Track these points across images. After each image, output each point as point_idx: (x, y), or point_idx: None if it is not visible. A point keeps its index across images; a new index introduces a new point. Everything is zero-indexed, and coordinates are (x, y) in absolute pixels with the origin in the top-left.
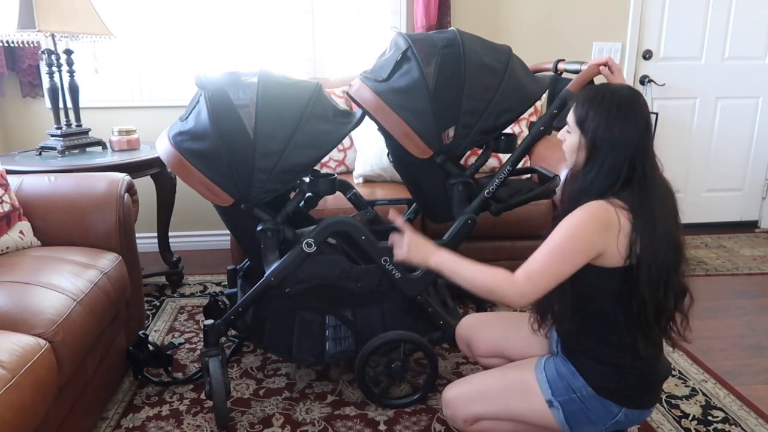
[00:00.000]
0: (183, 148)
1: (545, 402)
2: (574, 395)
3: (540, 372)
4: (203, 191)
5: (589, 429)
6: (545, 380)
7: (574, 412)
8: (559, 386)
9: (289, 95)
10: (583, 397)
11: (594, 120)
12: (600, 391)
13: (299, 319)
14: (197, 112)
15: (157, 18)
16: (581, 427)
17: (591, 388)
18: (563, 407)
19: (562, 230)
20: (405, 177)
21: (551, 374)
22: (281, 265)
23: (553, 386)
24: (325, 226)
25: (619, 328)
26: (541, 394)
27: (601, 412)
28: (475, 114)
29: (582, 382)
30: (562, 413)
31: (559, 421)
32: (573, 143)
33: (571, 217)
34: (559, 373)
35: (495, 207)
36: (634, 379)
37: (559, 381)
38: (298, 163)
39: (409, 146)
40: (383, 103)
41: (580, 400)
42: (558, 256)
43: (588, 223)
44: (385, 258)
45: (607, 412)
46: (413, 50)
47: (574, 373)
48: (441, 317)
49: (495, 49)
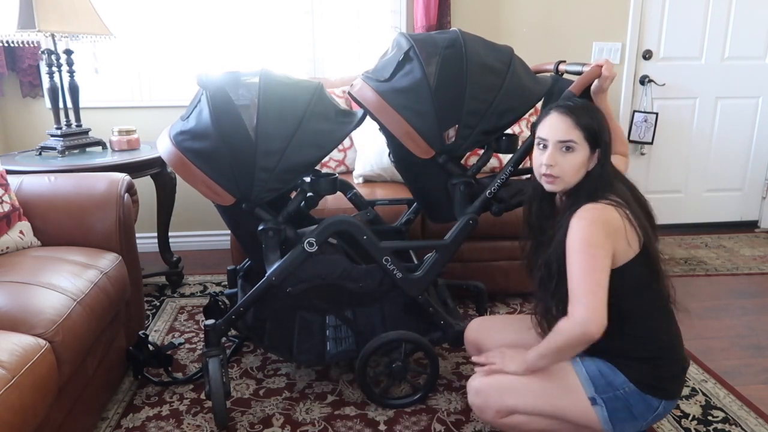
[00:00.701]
0: (184, 148)
1: (588, 399)
2: (617, 392)
3: (580, 369)
4: (205, 190)
5: (630, 425)
6: (587, 377)
7: (617, 409)
8: (601, 383)
9: (290, 94)
10: (626, 394)
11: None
12: (640, 386)
13: (299, 319)
14: (198, 111)
15: (157, 18)
16: (623, 424)
17: (632, 384)
18: (607, 404)
19: (578, 253)
20: (406, 177)
21: (592, 371)
22: (282, 264)
23: (595, 383)
24: (326, 226)
25: (647, 321)
26: (584, 391)
27: (642, 407)
28: (477, 114)
29: (623, 378)
30: (606, 410)
31: (603, 419)
32: (580, 160)
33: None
34: (600, 371)
35: (496, 207)
36: (668, 371)
37: (600, 378)
38: (299, 163)
39: (410, 146)
40: (385, 103)
41: (623, 397)
42: (590, 273)
43: (593, 230)
44: (387, 258)
45: (648, 406)
46: (415, 50)
47: (614, 369)
48: (441, 317)
49: (497, 49)
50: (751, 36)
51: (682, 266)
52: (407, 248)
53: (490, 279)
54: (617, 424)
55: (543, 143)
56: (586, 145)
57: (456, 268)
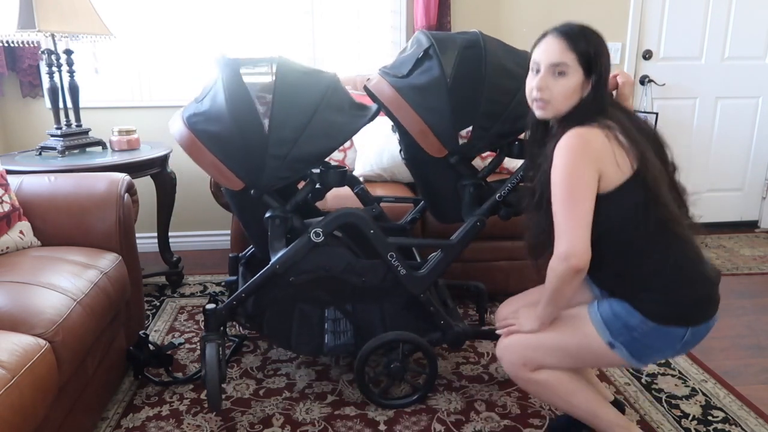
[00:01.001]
0: (197, 129)
1: (606, 345)
2: (634, 333)
3: (594, 314)
4: (214, 173)
5: (657, 356)
6: (601, 322)
7: (638, 349)
8: (617, 326)
9: (307, 83)
10: (644, 333)
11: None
12: (658, 320)
13: (298, 311)
14: (214, 94)
15: (157, 18)
16: (649, 357)
17: (650, 321)
18: (625, 346)
19: (558, 186)
20: (416, 175)
21: (606, 315)
22: (288, 253)
23: (610, 327)
24: (335, 217)
25: (652, 247)
26: (600, 338)
27: (666, 340)
28: (492, 117)
29: (639, 317)
30: (626, 351)
31: (625, 357)
32: (572, 85)
33: (557, 169)
34: (615, 313)
35: (504, 211)
36: (688, 295)
37: (615, 321)
38: (311, 152)
39: (424, 144)
40: (402, 99)
41: (641, 338)
42: (570, 206)
43: (573, 159)
44: (392, 254)
45: (673, 337)
46: (435, 49)
47: (629, 310)
48: (442, 317)
49: (516, 53)
50: (751, 36)
51: None
52: (413, 246)
53: (490, 279)
54: (643, 358)
55: (536, 67)
56: (580, 69)
57: (456, 268)
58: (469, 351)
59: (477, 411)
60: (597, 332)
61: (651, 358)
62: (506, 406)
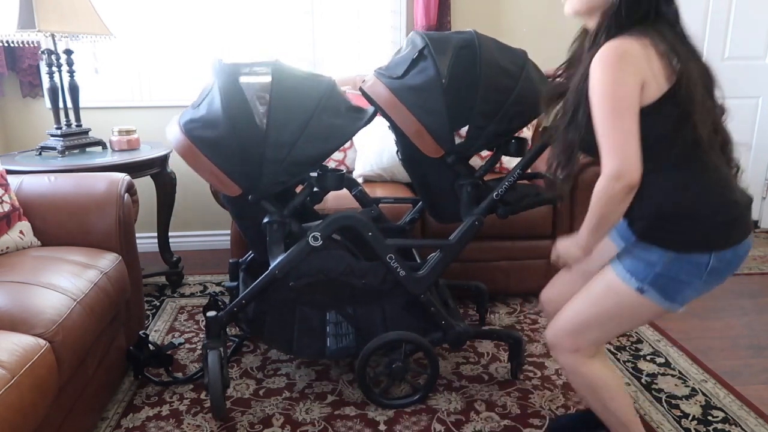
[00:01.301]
0: (194, 136)
1: (636, 293)
2: (656, 269)
3: (617, 268)
4: (212, 180)
5: (688, 291)
6: (625, 272)
7: (665, 285)
8: (640, 268)
9: (303, 88)
10: (666, 266)
11: None
12: (677, 248)
13: (299, 314)
14: (210, 99)
15: (157, 18)
16: (680, 294)
17: (669, 251)
18: (653, 286)
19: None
20: (413, 175)
21: (628, 263)
22: (286, 258)
23: (634, 272)
24: (332, 221)
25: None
26: (630, 287)
27: (690, 270)
28: (488, 116)
29: (657, 251)
30: (656, 292)
31: (659, 302)
32: None
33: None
34: (635, 256)
35: (502, 210)
36: (707, 220)
37: (637, 264)
38: (309, 156)
39: (420, 144)
40: (397, 100)
41: (664, 271)
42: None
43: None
44: (391, 255)
45: (696, 265)
46: (430, 49)
47: (646, 247)
48: (442, 317)
49: (511, 52)
50: (751, 36)
51: None
52: (412, 246)
53: (490, 279)
54: (675, 298)
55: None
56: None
57: (456, 268)
58: (469, 351)
59: (477, 411)
60: (625, 284)
61: (682, 295)
62: (506, 406)
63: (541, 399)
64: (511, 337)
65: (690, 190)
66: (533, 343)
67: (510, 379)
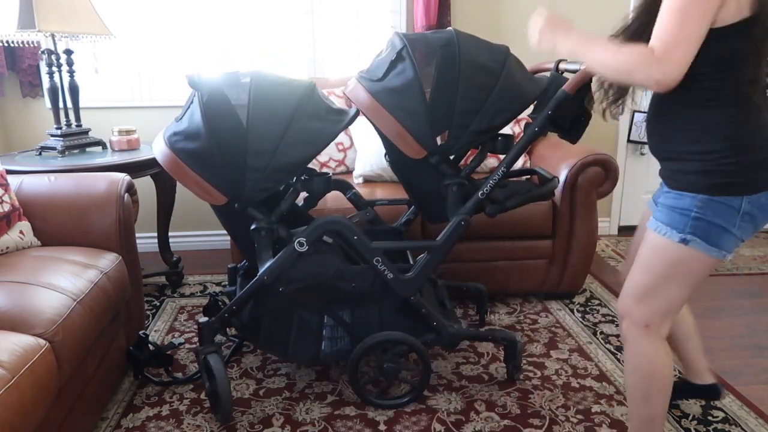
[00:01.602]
0: (177, 149)
1: (680, 245)
2: (692, 214)
3: (656, 225)
4: (198, 191)
5: (728, 236)
6: (664, 225)
7: (706, 230)
8: (676, 218)
9: (280, 94)
10: (700, 209)
11: None
12: (708, 191)
13: (297, 318)
14: (191, 112)
15: (157, 18)
16: (722, 240)
17: (701, 195)
18: (695, 232)
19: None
20: (401, 177)
21: (663, 215)
22: (274, 263)
23: (673, 224)
24: (316, 226)
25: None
26: (674, 241)
27: (723, 214)
28: (469, 114)
29: (689, 197)
30: (699, 238)
31: (706, 250)
32: None
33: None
34: (668, 206)
35: (490, 208)
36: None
37: (673, 214)
38: (290, 162)
39: (402, 146)
40: (377, 104)
41: (701, 216)
42: (688, 15)
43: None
44: (378, 258)
45: (729, 208)
46: (408, 50)
47: (677, 196)
48: (434, 318)
49: (492, 49)
50: None
51: None
52: (398, 249)
53: (490, 279)
54: (720, 244)
55: None
56: None
57: (456, 269)
58: (469, 351)
59: (477, 411)
60: (668, 239)
61: (726, 242)
62: (506, 406)
63: (541, 399)
64: (506, 338)
65: (726, 129)
66: (533, 343)
67: (509, 380)
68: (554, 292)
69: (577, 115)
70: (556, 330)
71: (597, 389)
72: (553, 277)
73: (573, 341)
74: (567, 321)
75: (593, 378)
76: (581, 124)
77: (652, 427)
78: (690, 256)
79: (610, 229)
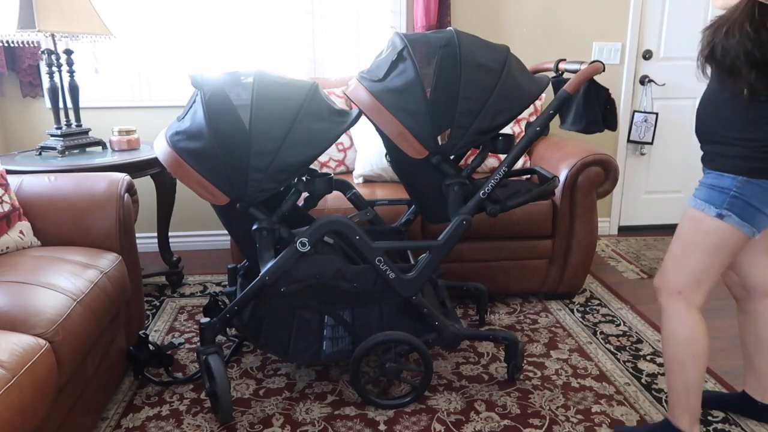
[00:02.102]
0: (179, 148)
1: (716, 219)
2: (731, 192)
3: (696, 202)
4: (199, 190)
5: (760, 216)
6: (703, 203)
7: (741, 208)
8: (715, 195)
9: (284, 94)
10: (740, 189)
11: None
12: (747, 173)
13: (298, 317)
14: (193, 112)
15: (157, 18)
16: (755, 218)
17: (740, 176)
18: (731, 209)
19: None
20: (402, 177)
21: (703, 194)
22: (276, 264)
23: (711, 200)
24: (318, 226)
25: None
26: (711, 216)
27: (760, 195)
28: (470, 114)
29: (729, 177)
30: (736, 216)
31: (739, 225)
32: None
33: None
34: (709, 186)
35: (491, 208)
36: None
37: (712, 192)
38: (293, 163)
39: (404, 146)
40: (378, 104)
41: (739, 194)
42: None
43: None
44: (379, 258)
45: (765, 191)
46: (409, 50)
47: (718, 176)
48: (436, 318)
49: (492, 49)
50: None
51: None
52: (400, 248)
53: (490, 279)
54: (753, 222)
55: None
56: None
57: (456, 269)
58: (469, 351)
59: (477, 411)
60: (705, 213)
61: (758, 221)
62: (506, 406)
63: (541, 399)
64: (507, 338)
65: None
66: (533, 343)
67: (509, 380)
68: (554, 292)
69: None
70: (556, 330)
71: (597, 389)
72: (553, 277)
73: (573, 341)
74: (567, 321)
75: (593, 378)
76: (610, 112)
77: (689, 398)
78: (725, 230)
79: (610, 229)
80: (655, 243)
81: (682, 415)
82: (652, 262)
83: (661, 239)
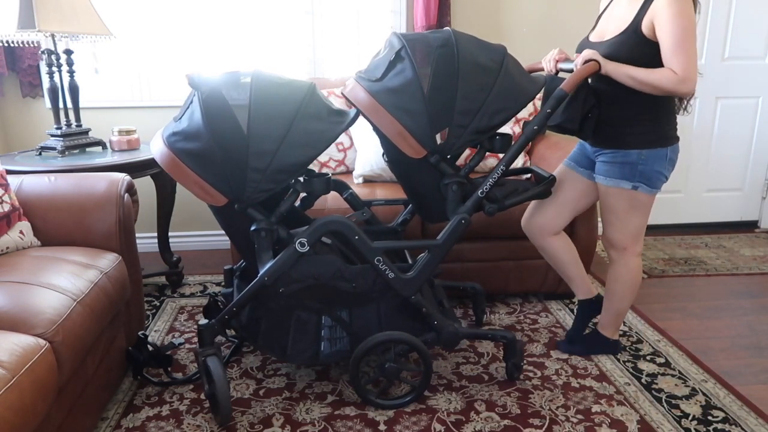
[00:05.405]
0: (177, 149)
1: (633, 191)
2: (639, 167)
3: (609, 181)
4: (197, 191)
5: (661, 177)
6: (617, 180)
7: (647, 176)
8: (626, 171)
9: (282, 95)
10: (645, 161)
11: None
12: (648, 145)
13: (295, 318)
14: (191, 112)
15: (157, 18)
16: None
17: (642, 150)
18: (641, 181)
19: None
20: (400, 177)
21: (615, 172)
22: (275, 264)
23: (624, 175)
24: (318, 226)
25: None
26: (627, 189)
27: (658, 161)
28: (468, 114)
29: (634, 152)
30: (645, 185)
31: (648, 191)
32: None
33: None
34: (615, 162)
35: (489, 207)
36: (666, 123)
37: (622, 169)
38: (291, 163)
39: (402, 146)
40: (377, 103)
41: (645, 164)
42: (690, 43)
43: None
44: (379, 258)
45: (661, 157)
46: (407, 50)
47: (624, 154)
48: (435, 318)
49: (490, 48)
50: (751, 36)
51: (682, 266)
52: (399, 248)
53: (489, 279)
54: (656, 183)
55: None
56: None
57: (455, 269)
58: (469, 351)
59: (477, 411)
60: (623, 188)
61: (659, 182)
62: (506, 406)
63: (541, 399)
64: (505, 337)
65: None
66: (533, 343)
67: (509, 380)
68: (554, 292)
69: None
70: (556, 330)
71: (597, 389)
72: (553, 277)
73: None
74: (567, 321)
75: (593, 378)
76: (588, 120)
77: (620, 319)
78: (641, 198)
79: None
80: (655, 243)
81: (610, 329)
82: (652, 262)
83: (661, 239)
